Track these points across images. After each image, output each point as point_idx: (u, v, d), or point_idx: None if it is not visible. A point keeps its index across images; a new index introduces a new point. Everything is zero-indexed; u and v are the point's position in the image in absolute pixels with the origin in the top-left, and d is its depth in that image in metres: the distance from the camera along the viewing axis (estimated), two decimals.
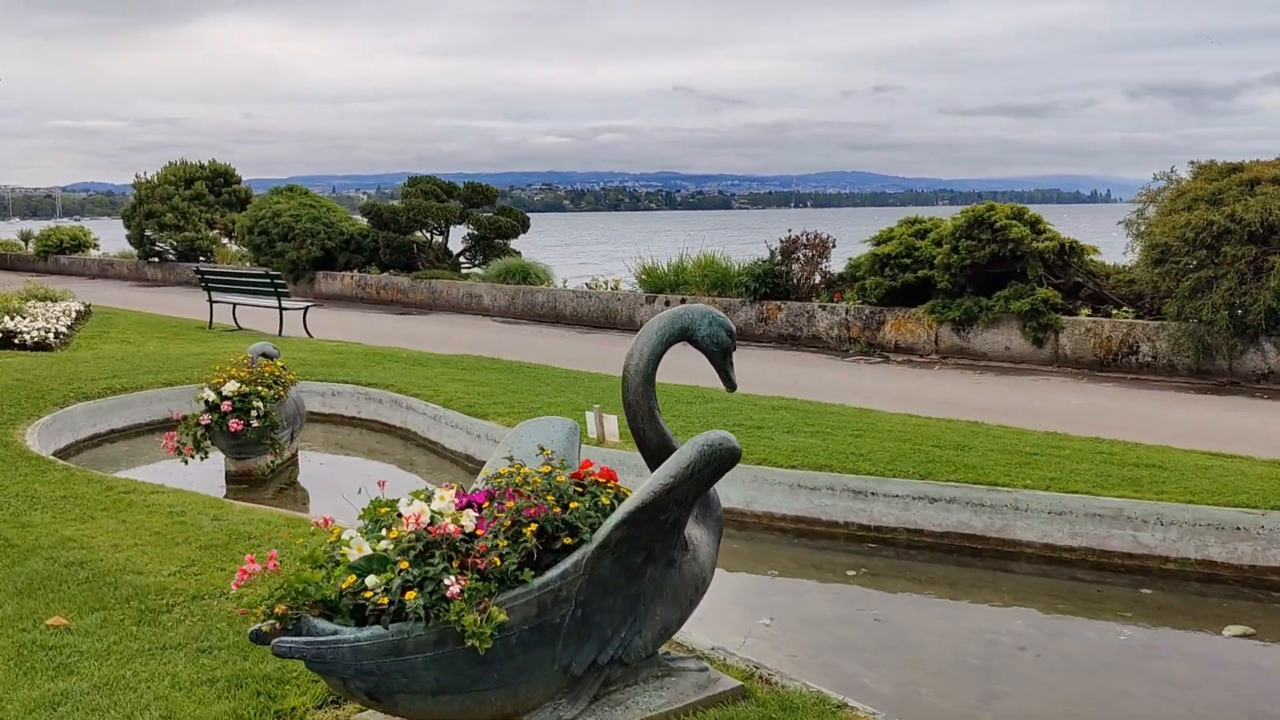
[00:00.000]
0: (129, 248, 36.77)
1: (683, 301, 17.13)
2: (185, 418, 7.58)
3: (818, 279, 16.29)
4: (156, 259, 30.27)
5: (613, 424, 7.16)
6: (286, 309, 14.57)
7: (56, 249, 35.02)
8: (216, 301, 15.84)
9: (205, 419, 7.46)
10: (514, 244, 22.93)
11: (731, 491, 6.44)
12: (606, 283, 19.18)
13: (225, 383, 7.63)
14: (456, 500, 3.20)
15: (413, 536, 3.03)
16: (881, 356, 14.36)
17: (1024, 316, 13.20)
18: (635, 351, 3.72)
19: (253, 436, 7.54)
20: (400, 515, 3.13)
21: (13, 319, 12.78)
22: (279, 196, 25.84)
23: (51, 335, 12.47)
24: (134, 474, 7.67)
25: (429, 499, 3.20)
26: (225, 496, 7.29)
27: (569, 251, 48.36)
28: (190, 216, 28.84)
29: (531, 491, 3.21)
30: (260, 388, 7.64)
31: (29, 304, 13.66)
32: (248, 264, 27.73)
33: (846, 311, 15.03)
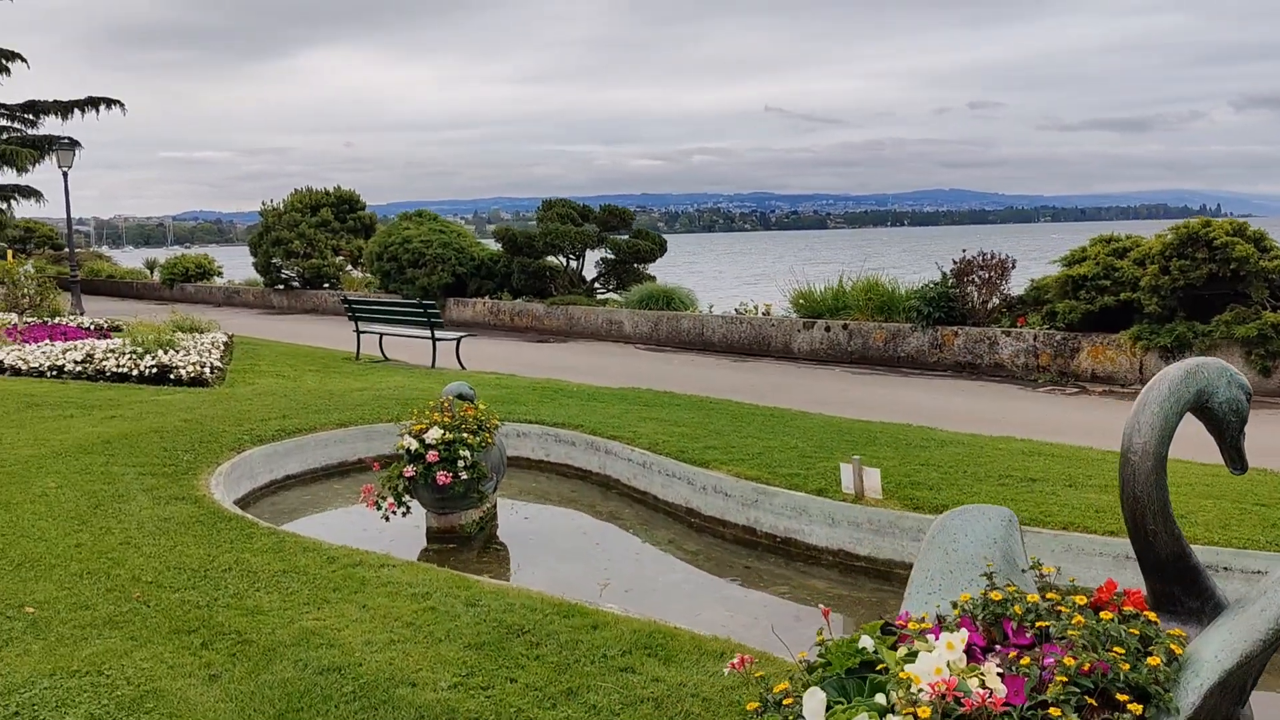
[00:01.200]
0: (247, 275, 37.04)
1: (844, 327, 16.06)
2: (387, 469, 6.80)
3: (995, 302, 15.07)
4: (282, 286, 30.25)
5: (875, 479, 6.14)
6: (440, 339, 13.89)
7: (182, 277, 35.39)
8: (363, 332, 15.26)
9: (409, 471, 6.66)
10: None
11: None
12: (756, 307, 18.18)
13: (427, 429, 6.82)
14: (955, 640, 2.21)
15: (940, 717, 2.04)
16: (1078, 387, 13.07)
17: (1249, 343, 11.84)
18: (1138, 426, 2.69)
19: (460, 490, 6.70)
20: (904, 672, 2.15)
21: (167, 352, 12.31)
22: (408, 222, 25.49)
23: (207, 369, 11.94)
24: (326, 529, 6.91)
25: (921, 634, 2.21)
26: (429, 553, 6.48)
27: (683, 273, 47.45)
28: (316, 243, 28.71)
29: (1084, 639, 2.20)
30: (465, 434, 6.81)
31: (178, 335, 13.22)
32: (371, 291, 27.46)
33: (1035, 338, 13.76)
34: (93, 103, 36.88)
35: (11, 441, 8.29)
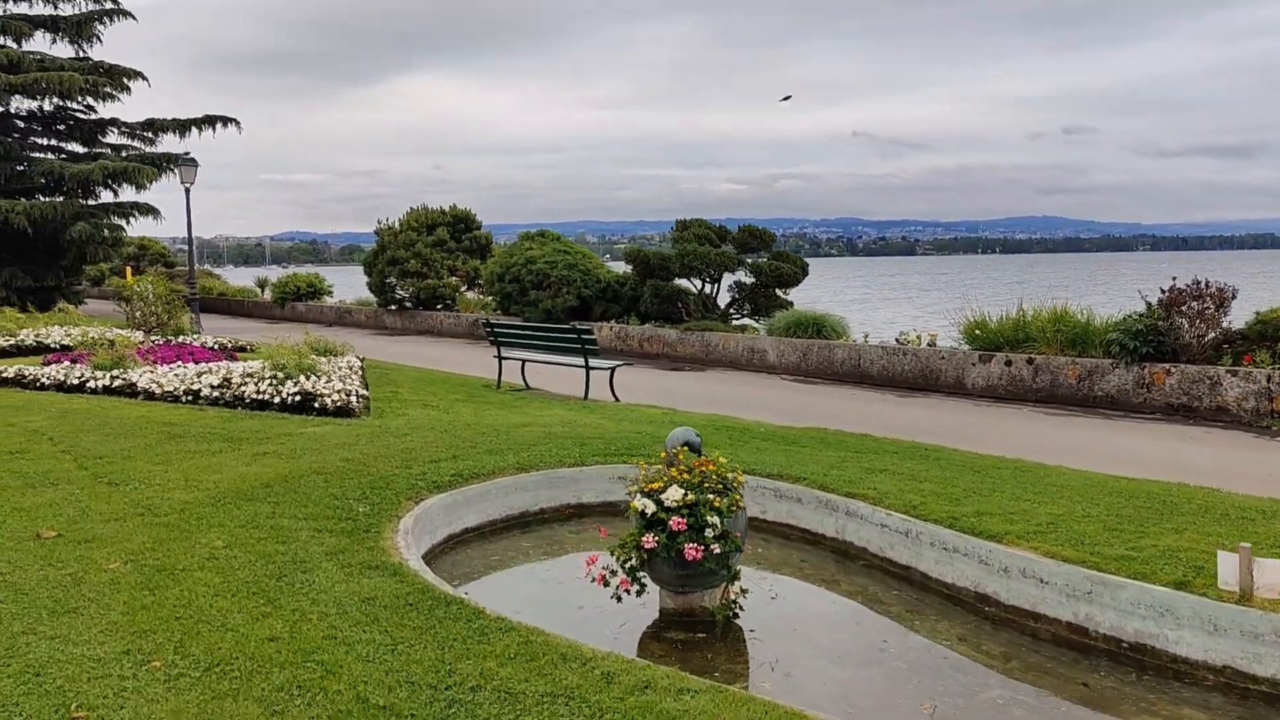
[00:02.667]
0: (354, 295, 36.56)
1: (1029, 362, 14.49)
2: (623, 541, 5.55)
3: (1211, 336, 13.38)
4: (394, 306, 29.57)
5: (1274, 572, 4.69)
6: (594, 368, 12.70)
7: (294, 296, 35.05)
8: (506, 358, 14.16)
9: (649, 541, 5.39)
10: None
11: None
12: (919, 336, 16.70)
13: (665, 488, 5.55)
14: None
15: None
16: None
17: None
18: None
19: (709, 565, 5.41)
20: None
21: (309, 378, 11.31)
22: (530, 242, 24.54)
23: (353, 398, 10.90)
24: (538, 607, 5.70)
25: None
26: (670, 644, 5.20)
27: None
28: (432, 263, 27.95)
29: None
30: (709, 494, 5.53)
31: (317, 359, 12.23)
32: (488, 313, 26.56)
33: (1269, 379, 12.05)
34: (210, 121, 36.86)
35: (162, 482, 7.26)
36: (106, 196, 36.41)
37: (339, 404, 10.70)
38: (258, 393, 11.10)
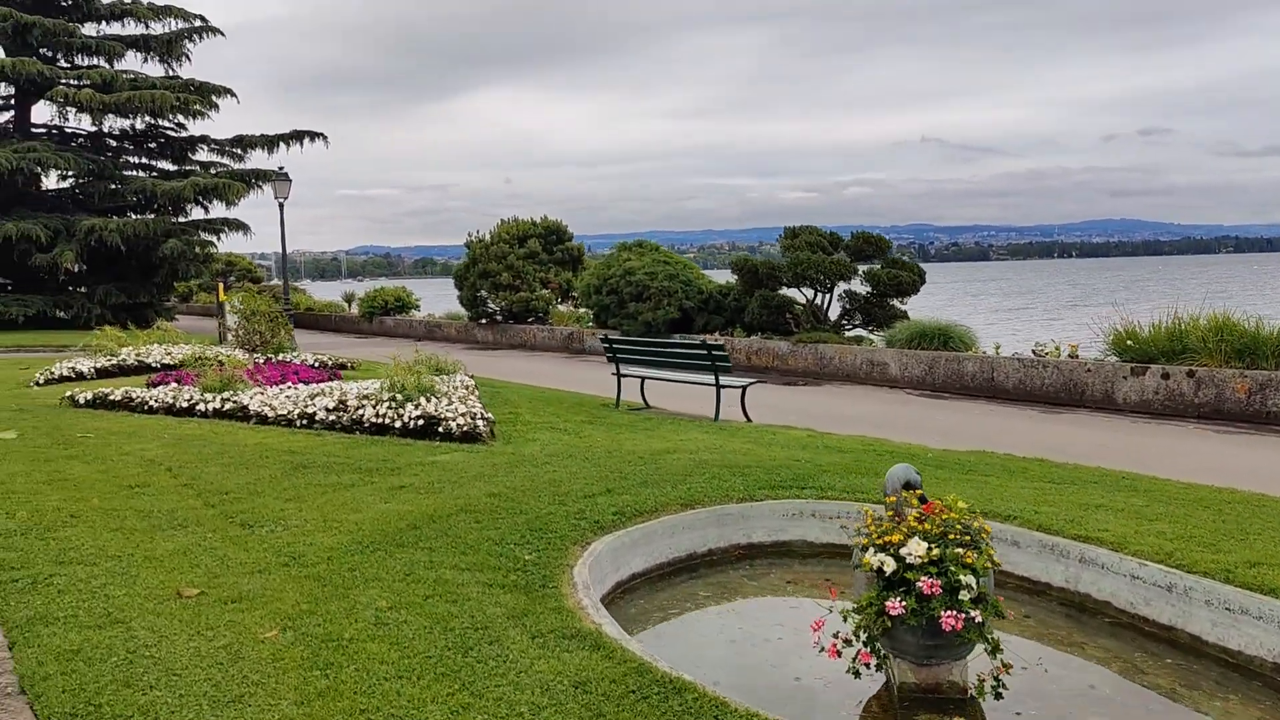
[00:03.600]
0: (430, 308, 36.18)
1: (1190, 375, 13.30)
2: (860, 605, 4.69)
3: None
4: (484, 320, 29.07)
5: None
6: (725, 386, 11.84)
7: (382, 310, 34.80)
8: (625, 375, 13.38)
9: (895, 606, 4.51)
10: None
11: None
12: (1058, 348, 15.58)
13: (904, 541, 4.67)
14: None
15: None
16: None
17: None
18: None
19: (968, 635, 4.52)
20: None
21: (430, 399, 10.63)
22: (627, 253, 23.81)
23: (480, 421, 10.19)
24: (737, 676, 4.86)
25: None
26: None
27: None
28: (524, 275, 27.37)
29: None
30: (957, 549, 4.63)
31: (435, 379, 11.55)
32: (583, 325, 25.89)
33: None
34: (297, 136, 36.90)
35: (299, 523, 6.57)
36: (196, 213, 36.63)
37: (465, 428, 9.99)
38: (377, 416, 10.45)
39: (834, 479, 7.88)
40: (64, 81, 33.11)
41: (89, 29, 35.95)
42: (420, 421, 10.16)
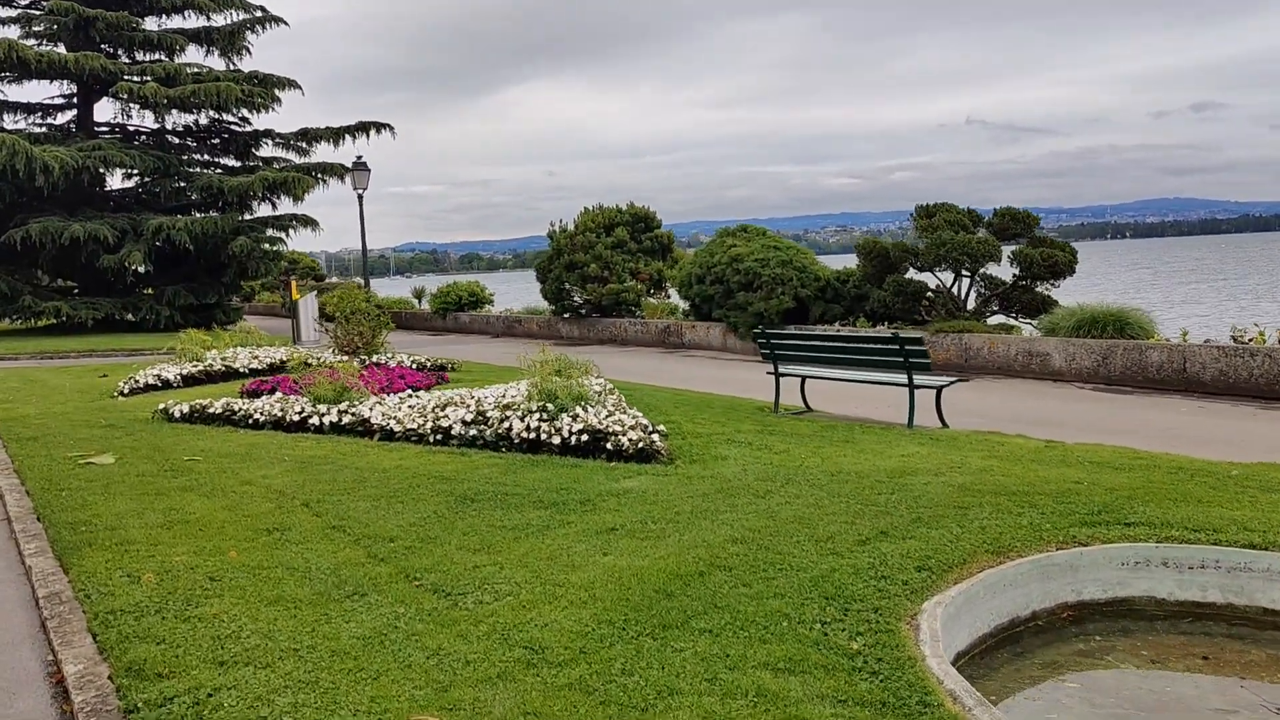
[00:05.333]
0: (503, 304, 34.75)
1: None
2: None
3: None
4: (568, 314, 27.51)
5: None
6: (919, 386, 10.11)
7: (455, 306, 33.38)
8: (785, 375, 11.70)
9: None
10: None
11: None
12: (1262, 333, 13.65)
13: None
14: None
15: None
16: None
17: None
18: None
19: None
20: None
21: (585, 409, 9.03)
22: (732, 239, 22.08)
23: (655, 437, 8.56)
24: None
25: None
26: None
27: None
28: (613, 266, 25.75)
29: None
30: None
31: (584, 384, 9.93)
32: (679, 318, 24.24)
33: None
34: (363, 127, 35.60)
35: (509, 588, 4.98)
36: (262, 210, 35.47)
37: (638, 445, 8.36)
38: (527, 430, 8.86)
39: (1141, 508, 6.17)
40: (127, 77, 32.02)
41: (149, 23, 34.88)
42: (584, 437, 8.56)
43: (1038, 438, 9.26)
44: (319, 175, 34.74)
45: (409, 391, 11.52)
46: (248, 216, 34.64)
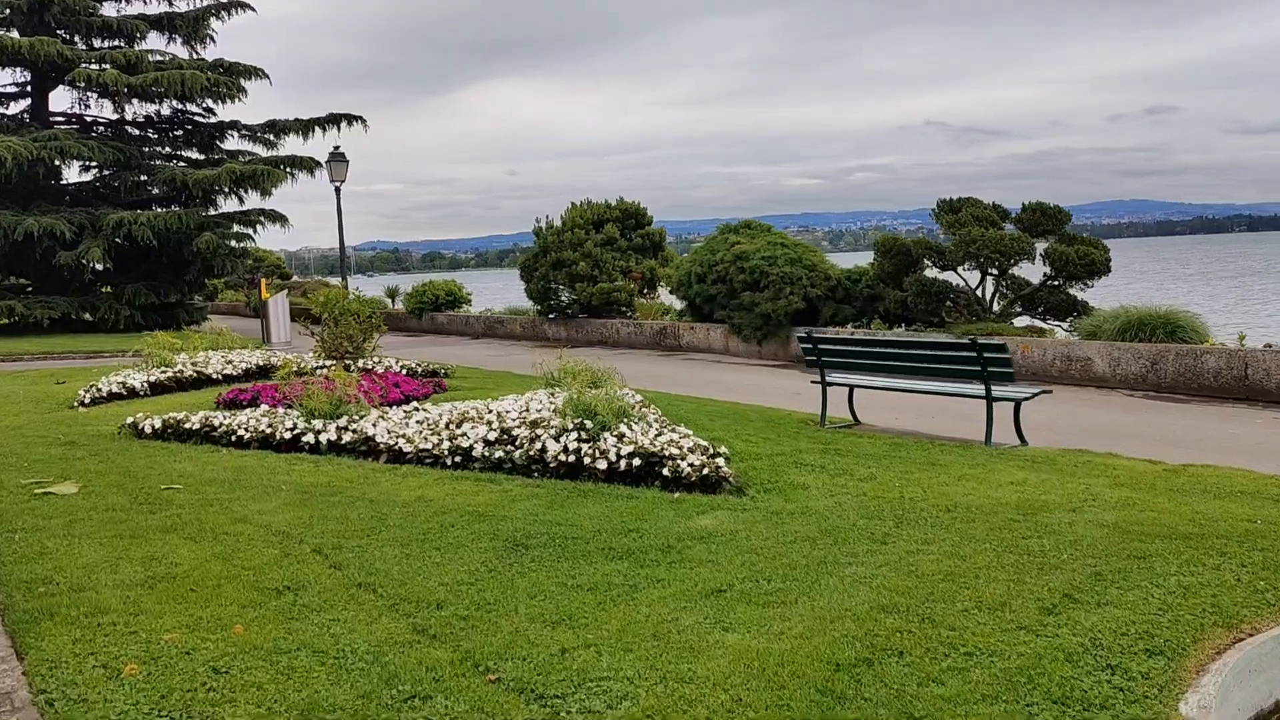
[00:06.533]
0: (480, 304, 33.40)
1: None
2: None
3: None
4: (554, 315, 26.22)
5: None
6: (998, 398, 8.95)
7: (432, 306, 31.93)
8: (833, 384, 10.51)
9: None
10: None
11: None
12: None
13: None
14: None
15: None
16: None
17: None
18: None
19: None
20: None
21: (629, 426, 7.79)
22: (735, 235, 20.89)
23: (721, 462, 7.33)
24: None
25: None
26: None
27: None
28: (603, 264, 24.50)
29: None
30: None
31: (623, 396, 8.67)
32: (674, 319, 23.04)
33: None
34: (334, 120, 34.03)
35: (619, 685, 3.74)
36: (228, 205, 33.82)
37: (701, 471, 7.13)
38: (565, 453, 7.60)
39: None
40: (85, 63, 30.27)
41: (108, 9, 33.08)
42: (635, 461, 7.31)
43: (1134, 456, 8.16)
44: (288, 169, 33.14)
45: (415, 405, 10.21)
46: (213, 212, 32.98)
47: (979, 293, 17.30)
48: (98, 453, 9.11)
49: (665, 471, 7.20)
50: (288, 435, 9.08)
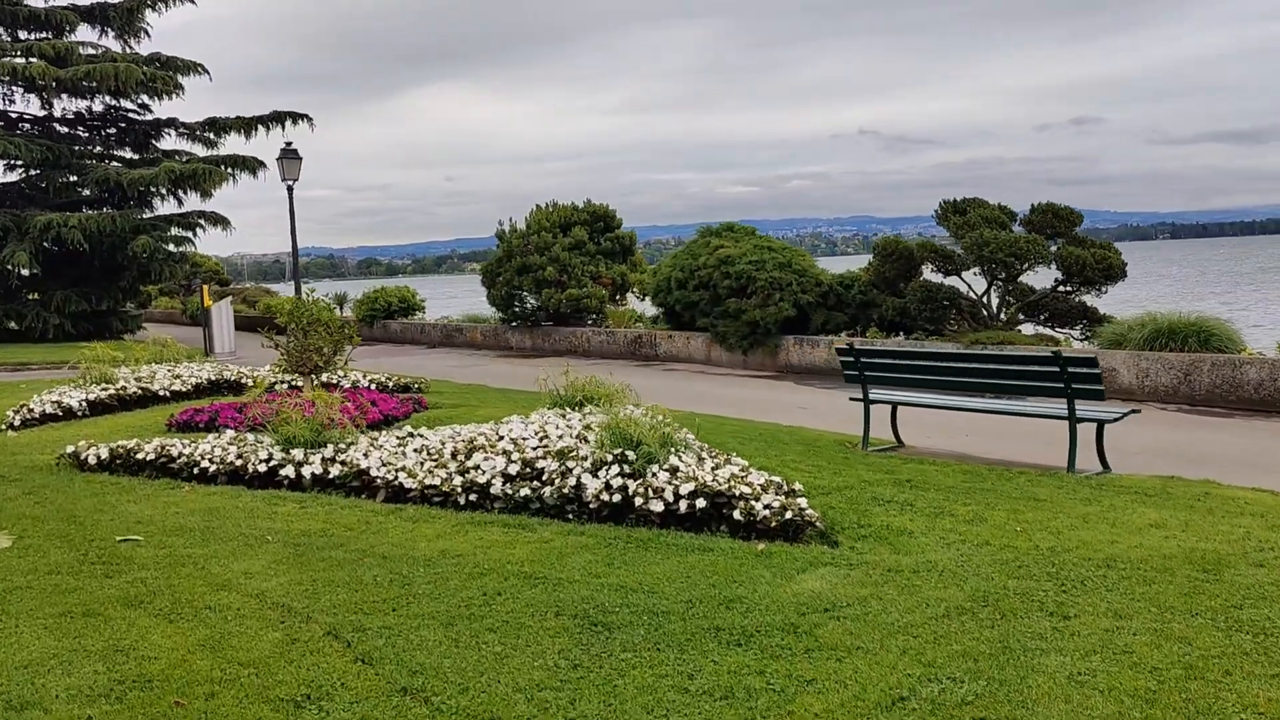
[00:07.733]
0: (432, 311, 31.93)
1: None
2: None
3: None
4: (517, 323, 24.91)
5: None
6: (1083, 418, 7.88)
7: (384, 313, 30.39)
8: (876, 401, 9.40)
9: None
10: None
11: None
12: None
13: None
14: None
15: None
16: None
17: None
18: None
19: None
20: None
21: (678, 457, 6.58)
22: (718, 239, 19.77)
23: (804, 503, 6.14)
24: None
25: None
26: None
27: None
28: (572, 269, 23.24)
29: None
30: None
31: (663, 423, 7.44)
32: (651, 326, 21.87)
33: None
34: (278, 118, 32.31)
35: None
36: (165, 207, 31.94)
37: (782, 514, 5.93)
38: (608, 491, 6.36)
39: None
40: (9, 55, 28.27)
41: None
42: (700, 503, 6.09)
43: (1235, 484, 7.18)
44: (230, 169, 31.36)
45: (409, 431, 8.87)
46: (149, 214, 31.10)
47: (984, 299, 16.37)
48: (33, 490, 7.67)
49: (736, 515, 6.00)
50: (262, 468, 7.71)
